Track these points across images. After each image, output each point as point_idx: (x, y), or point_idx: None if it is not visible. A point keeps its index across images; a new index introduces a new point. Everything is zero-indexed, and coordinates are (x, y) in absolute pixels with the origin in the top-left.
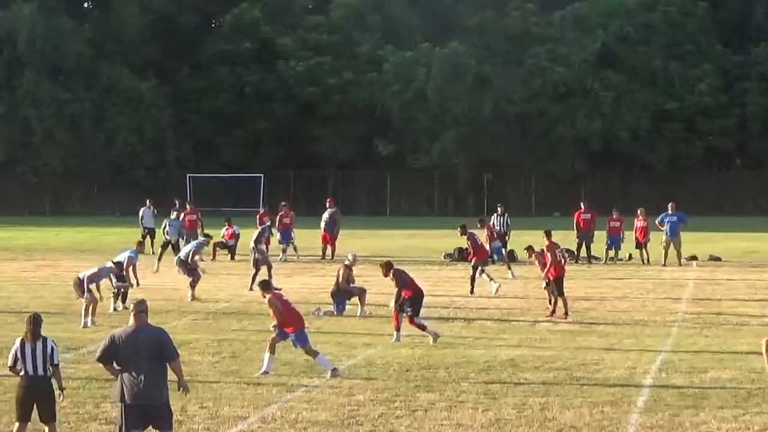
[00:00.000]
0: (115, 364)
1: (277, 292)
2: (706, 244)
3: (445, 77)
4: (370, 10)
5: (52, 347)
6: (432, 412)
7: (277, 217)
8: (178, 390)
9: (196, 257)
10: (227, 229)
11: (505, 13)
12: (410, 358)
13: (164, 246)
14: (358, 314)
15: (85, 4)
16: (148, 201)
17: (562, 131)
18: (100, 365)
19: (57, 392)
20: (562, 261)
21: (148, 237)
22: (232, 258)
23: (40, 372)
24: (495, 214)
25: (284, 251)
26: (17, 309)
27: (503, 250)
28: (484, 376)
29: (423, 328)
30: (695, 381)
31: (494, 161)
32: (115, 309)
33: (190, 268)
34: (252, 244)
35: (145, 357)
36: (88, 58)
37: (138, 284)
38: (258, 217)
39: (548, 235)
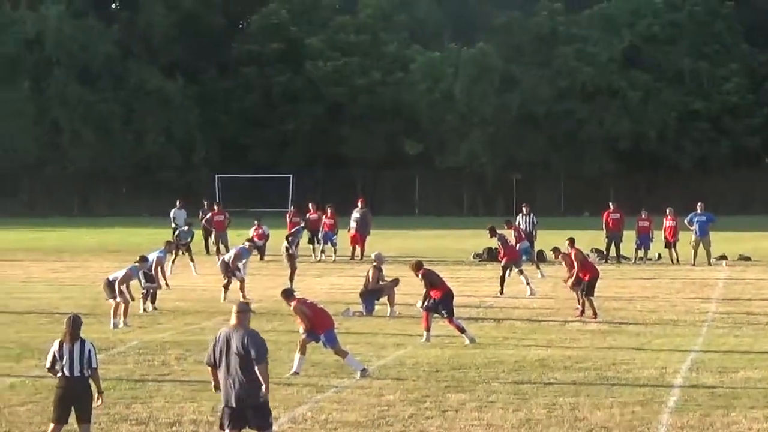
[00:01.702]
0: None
1: (301, 297)
2: (735, 244)
3: (473, 77)
4: (397, 10)
5: (90, 350)
6: (462, 413)
7: (321, 218)
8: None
9: (238, 262)
10: (256, 229)
11: (532, 12)
12: (440, 359)
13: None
14: (388, 314)
15: (113, 5)
16: (178, 201)
17: (589, 131)
18: (131, 366)
19: (95, 395)
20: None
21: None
22: (262, 258)
23: (77, 373)
24: (521, 215)
25: (323, 251)
26: (48, 310)
27: (531, 250)
28: (514, 376)
29: (461, 329)
30: (726, 381)
31: (522, 161)
32: (144, 310)
33: (229, 270)
34: (285, 245)
35: (239, 358)
36: (116, 59)
37: (168, 285)
38: (287, 217)
39: (572, 243)
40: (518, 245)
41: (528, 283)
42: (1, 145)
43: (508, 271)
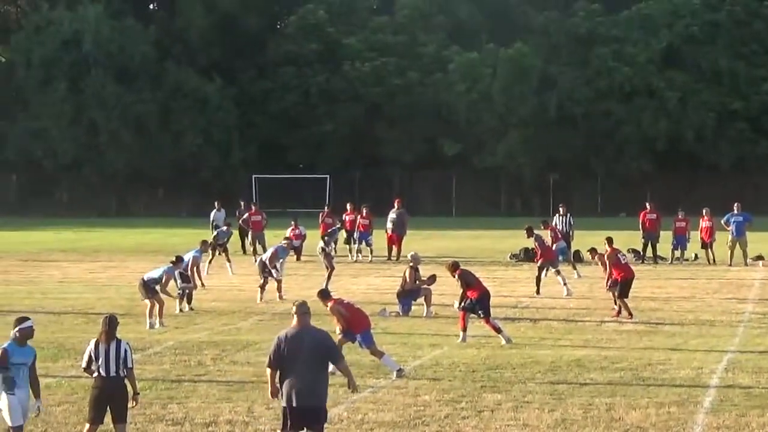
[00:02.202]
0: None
1: (337, 298)
2: None
3: (511, 78)
4: (435, 11)
5: (125, 350)
6: (498, 413)
7: (357, 218)
8: (348, 388)
9: (276, 262)
10: (293, 229)
11: (570, 13)
12: (476, 359)
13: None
14: (424, 315)
15: (151, 6)
16: (216, 203)
17: (627, 131)
18: (167, 367)
19: (130, 395)
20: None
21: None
22: (298, 259)
23: (113, 373)
24: (557, 215)
25: (359, 251)
26: (84, 310)
27: (568, 251)
28: (550, 377)
29: (498, 330)
30: (762, 381)
31: (560, 161)
32: (180, 310)
33: (266, 270)
34: (320, 246)
35: (307, 359)
36: (153, 60)
37: (203, 285)
38: (320, 217)
39: (610, 242)
40: (554, 245)
41: (565, 284)
42: (39, 146)
43: (544, 271)
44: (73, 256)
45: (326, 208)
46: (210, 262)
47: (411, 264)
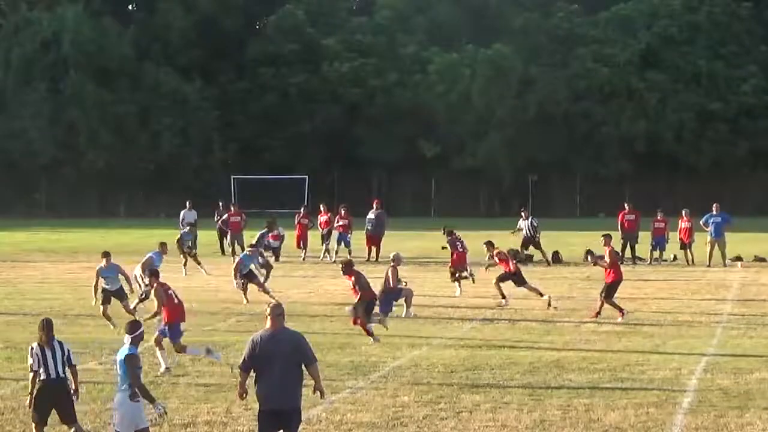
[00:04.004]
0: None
1: (165, 283)
2: (750, 245)
3: (490, 78)
4: (414, 12)
5: (67, 349)
6: (477, 414)
7: (330, 218)
8: (314, 393)
9: (241, 270)
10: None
11: (549, 14)
12: (455, 360)
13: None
14: (404, 315)
15: (130, 6)
16: (188, 202)
17: (606, 132)
18: (145, 368)
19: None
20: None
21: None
22: (277, 259)
23: (57, 375)
24: (521, 219)
25: (337, 252)
26: (63, 311)
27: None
28: (528, 378)
29: (369, 333)
30: (740, 382)
31: (539, 162)
32: (135, 309)
33: (239, 279)
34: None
35: (282, 361)
36: (132, 60)
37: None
38: (296, 218)
39: (608, 239)
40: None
41: (460, 285)
42: (17, 146)
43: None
44: (52, 257)
45: (302, 209)
46: (185, 264)
47: (393, 264)
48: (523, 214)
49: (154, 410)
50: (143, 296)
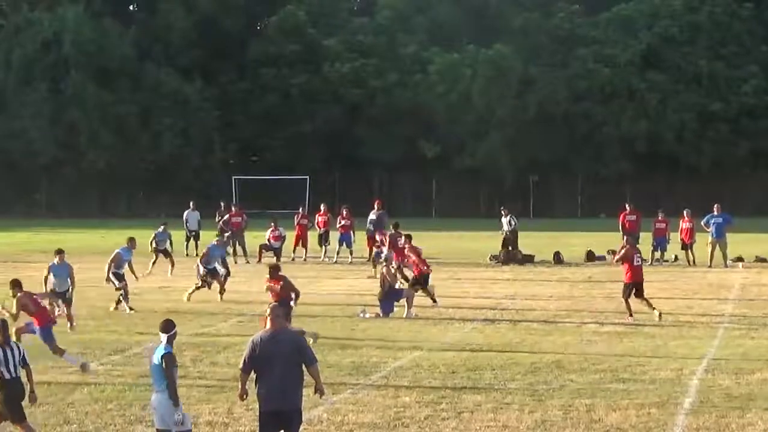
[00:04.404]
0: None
1: (27, 291)
2: (752, 245)
3: (491, 79)
4: (415, 12)
5: (22, 349)
6: (478, 414)
7: (329, 219)
8: (314, 393)
9: (211, 261)
10: (273, 230)
11: (550, 14)
12: (456, 360)
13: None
14: (405, 316)
15: (131, 7)
16: (191, 203)
17: (607, 132)
18: (146, 368)
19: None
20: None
21: (192, 239)
22: (278, 260)
23: (17, 374)
24: (502, 216)
25: (338, 252)
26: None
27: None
28: (530, 378)
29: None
30: (742, 382)
31: (540, 162)
32: (115, 308)
33: (204, 272)
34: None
35: (283, 362)
36: (133, 61)
37: (136, 278)
38: (296, 218)
39: (628, 240)
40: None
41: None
42: (18, 147)
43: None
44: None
45: (300, 209)
46: (153, 263)
47: (385, 264)
48: (503, 212)
49: (176, 416)
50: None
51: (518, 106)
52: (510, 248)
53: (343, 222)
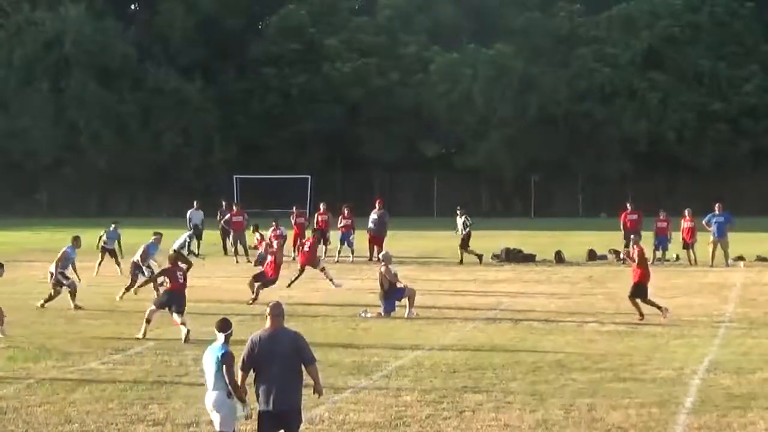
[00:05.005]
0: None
1: None
2: (753, 245)
3: (491, 78)
4: (416, 12)
5: None
6: (479, 413)
7: (338, 218)
8: (314, 393)
9: (147, 260)
10: (274, 230)
11: (551, 14)
12: (457, 360)
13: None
14: (406, 315)
15: (132, 6)
16: (195, 202)
17: (608, 132)
18: (148, 367)
19: None
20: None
21: (194, 239)
22: None
23: None
24: (457, 217)
25: (339, 252)
26: (64, 311)
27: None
28: (531, 377)
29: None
30: (743, 382)
31: (541, 162)
32: (76, 307)
33: (138, 269)
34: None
35: (282, 361)
36: (134, 60)
37: (79, 280)
38: (291, 218)
39: (638, 239)
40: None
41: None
42: (19, 146)
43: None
44: (53, 257)
45: (295, 208)
46: (99, 263)
47: (383, 263)
48: (458, 210)
49: (242, 411)
50: (70, 289)
51: (519, 106)
52: (463, 248)
53: (344, 221)
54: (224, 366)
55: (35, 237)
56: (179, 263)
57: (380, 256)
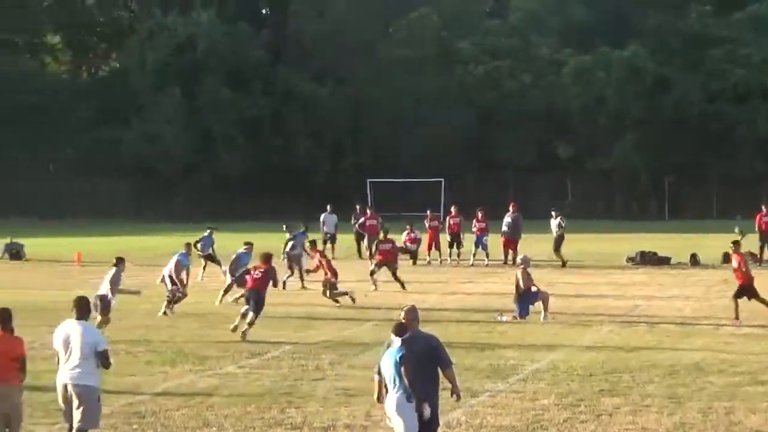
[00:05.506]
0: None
1: None
2: None
3: (624, 80)
4: (547, 14)
5: None
6: (617, 417)
7: (472, 221)
8: (451, 396)
9: (238, 268)
10: (408, 233)
11: (683, 15)
12: (594, 363)
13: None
14: (541, 319)
15: (264, 11)
16: (328, 206)
17: (742, 133)
18: (285, 371)
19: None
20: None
21: (329, 242)
22: (414, 263)
23: None
24: (551, 219)
25: (474, 255)
26: (202, 314)
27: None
28: (668, 380)
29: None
30: None
31: (674, 163)
32: (164, 313)
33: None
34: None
35: (418, 364)
36: (265, 64)
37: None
38: (426, 221)
39: (737, 245)
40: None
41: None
42: (154, 151)
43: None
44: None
45: (429, 212)
46: (204, 267)
47: (522, 266)
48: (553, 213)
49: (423, 411)
50: (170, 297)
51: (652, 107)
52: (555, 251)
53: (477, 224)
54: (402, 367)
55: (169, 241)
56: (270, 264)
57: (519, 258)
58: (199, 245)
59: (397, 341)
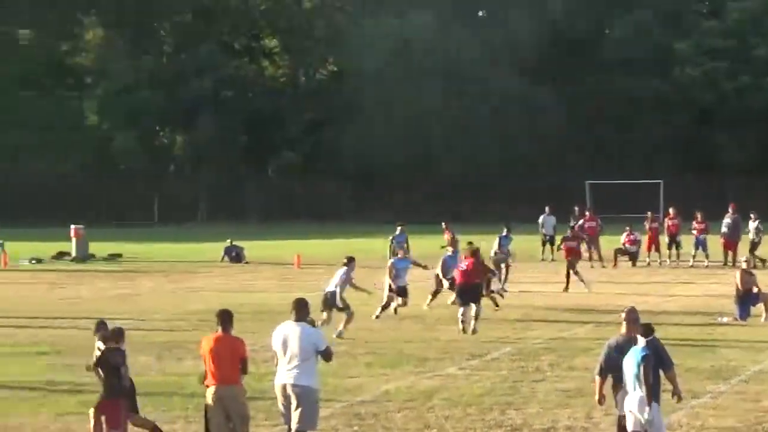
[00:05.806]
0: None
1: None
2: None
3: None
4: (765, 14)
5: None
6: None
7: (692, 222)
8: (672, 398)
9: (448, 272)
10: (628, 235)
11: None
12: None
13: None
14: (763, 320)
15: (480, 13)
16: (547, 207)
17: None
18: (505, 373)
19: None
20: None
21: (547, 244)
22: (634, 264)
23: None
24: (750, 221)
25: (694, 256)
26: (419, 317)
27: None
28: None
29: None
30: None
31: None
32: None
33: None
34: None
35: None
36: (482, 66)
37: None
38: (645, 222)
39: None
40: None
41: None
42: (373, 154)
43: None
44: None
45: (649, 213)
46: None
47: (743, 268)
48: (752, 215)
49: (646, 415)
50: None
51: None
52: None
53: (696, 226)
54: (642, 367)
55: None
56: (477, 257)
57: (742, 260)
58: (393, 242)
59: (641, 341)
